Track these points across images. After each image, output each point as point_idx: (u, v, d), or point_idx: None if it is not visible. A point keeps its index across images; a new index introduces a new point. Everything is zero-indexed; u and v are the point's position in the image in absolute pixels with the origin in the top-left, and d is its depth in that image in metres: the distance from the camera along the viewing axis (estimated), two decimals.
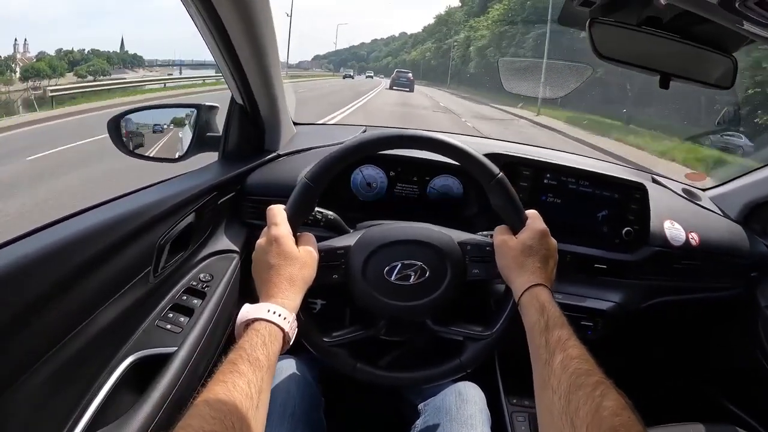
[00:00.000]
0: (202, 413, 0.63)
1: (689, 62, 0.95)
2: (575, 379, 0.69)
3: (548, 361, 0.75)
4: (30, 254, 0.78)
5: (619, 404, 0.64)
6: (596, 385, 0.67)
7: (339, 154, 0.97)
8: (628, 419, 0.62)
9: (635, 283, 1.51)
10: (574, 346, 0.76)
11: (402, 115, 17.38)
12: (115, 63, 56.82)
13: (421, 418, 1.14)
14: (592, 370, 0.71)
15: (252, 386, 0.70)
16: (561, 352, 0.75)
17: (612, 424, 0.61)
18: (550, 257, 0.95)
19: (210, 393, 0.66)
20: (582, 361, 0.72)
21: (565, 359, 0.73)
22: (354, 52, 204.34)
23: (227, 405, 0.65)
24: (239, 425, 0.64)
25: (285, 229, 0.92)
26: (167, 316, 1.11)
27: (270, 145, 1.53)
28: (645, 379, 1.91)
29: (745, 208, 1.67)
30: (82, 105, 16.26)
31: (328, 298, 1.40)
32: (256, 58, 1.22)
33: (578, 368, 0.71)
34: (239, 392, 0.68)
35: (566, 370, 0.71)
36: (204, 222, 1.26)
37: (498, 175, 0.97)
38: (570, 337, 0.78)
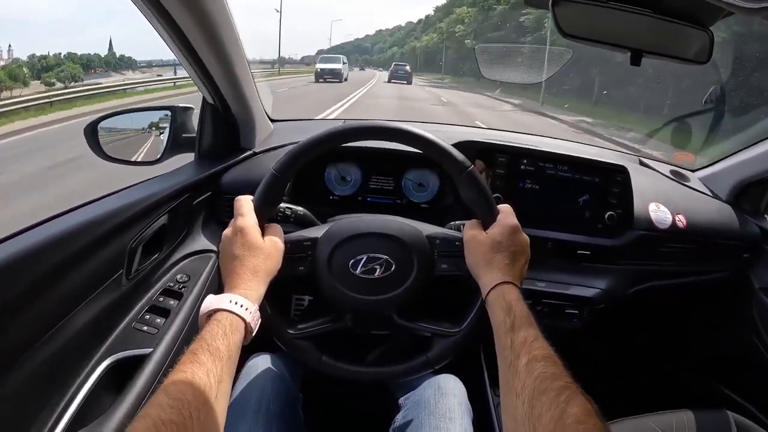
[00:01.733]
0: (161, 403, 0.63)
1: (662, 38, 0.93)
2: (539, 384, 0.67)
3: (513, 363, 0.73)
4: (1, 260, 0.78)
5: (584, 410, 0.62)
6: (561, 390, 0.65)
7: (306, 144, 0.96)
8: (593, 426, 0.60)
9: (621, 269, 1.49)
10: (541, 348, 0.74)
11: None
12: (97, 66, 54.85)
13: (401, 413, 1.13)
14: (558, 373, 0.68)
15: (211, 376, 0.70)
16: (526, 354, 0.73)
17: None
18: (521, 254, 0.93)
19: (169, 383, 0.67)
20: (548, 365, 0.70)
21: (530, 362, 0.71)
22: (358, 45, 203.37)
23: (185, 394, 0.65)
24: (197, 414, 0.64)
25: (251, 220, 0.92)
26: (144, 318, 1.11)
27: (245, 143, 1.52)
28: (636, 366, 1.90)
29: (736, 188, 1.64)
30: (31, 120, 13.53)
31: (315, 294, 1.38)
32: (219, 59, 1.21)
33: (543, 372, 0.69)
34: (198, 382, 0.68)
35: (531, 374, 0.69)
36: (179, 223, 1.26)
37: (468, 168, 0.95)
38: (536, 339, 0.76)
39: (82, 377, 0.95)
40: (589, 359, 1.77)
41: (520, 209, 0.98)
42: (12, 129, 12.30)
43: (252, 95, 1.44)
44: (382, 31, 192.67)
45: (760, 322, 1.55)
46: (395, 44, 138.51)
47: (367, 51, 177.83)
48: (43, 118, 13.84)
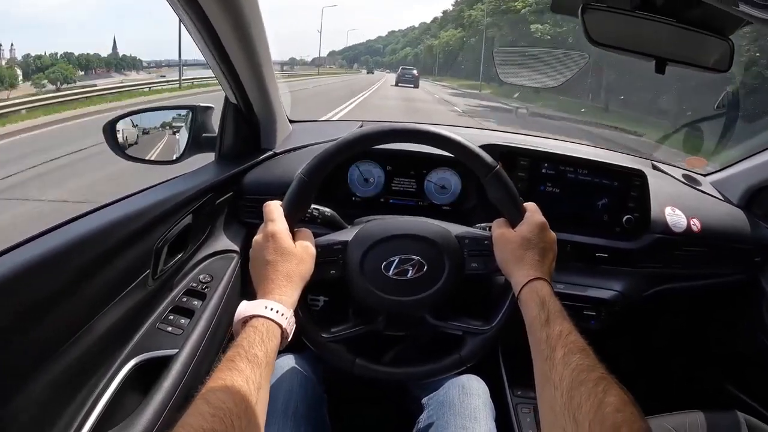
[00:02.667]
0: (201, 411, 0.63)
1: (685, 46, 0.94)
2: (577, 375, 0.68)
3: (549, 356, 0.74)
4: (29, 261, 0.78)
5: (621, 400, 0.63)
6: (598, 381, 0.66)
7: (334, 149, 0.96)
8: (630, 415, 0.62)
9: (637, 271, 1.50)
10: (576, 341, 0.75)
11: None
12: (97, 67, 53.42)
13: (425, 413, 1.14)
14: (594, 365, 0.70)
15: (250, 383, 0.70)
16: (562, 348, 0.74)
17: (615, 421, 0.61)
18: (549, 250, 0.94)
19: (208, 391, 0.67)
20: (584, 357, 0.72)
21: (567, 354, 0.73)
22: (370, 46, 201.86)
23: (226, 403, 0.65)
24: (238, 423, 0.64)
25: (281, 225, 0.92)
26: (168, 319, 1.11)
27: (266, 143, 1.52)
28: (650, 367, 1.91)
29: (747, 192, 1.65)
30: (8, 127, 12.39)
31: (330, 294, 1.40)
32: (247, 57, 1.22)
33: (580, 364, 0.70)
34: (238, 389, 0.68)
35: (568, 366, 0.70)
36: (202, 223, 1.26)
37: (495, 168, 0.97)
38: (571, 332, 0.77)
39: (108, 378, 0.96)
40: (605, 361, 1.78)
41: (540, 212, 1.00)
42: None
43: (275, 96, 1.45)
44: (395, 32, 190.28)
45: None
46: (408, 44, 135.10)
47: (378, 52, 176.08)
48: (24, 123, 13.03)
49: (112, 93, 20.70)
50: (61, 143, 9.81)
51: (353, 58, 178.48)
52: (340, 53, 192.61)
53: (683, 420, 1.30)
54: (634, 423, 0.61)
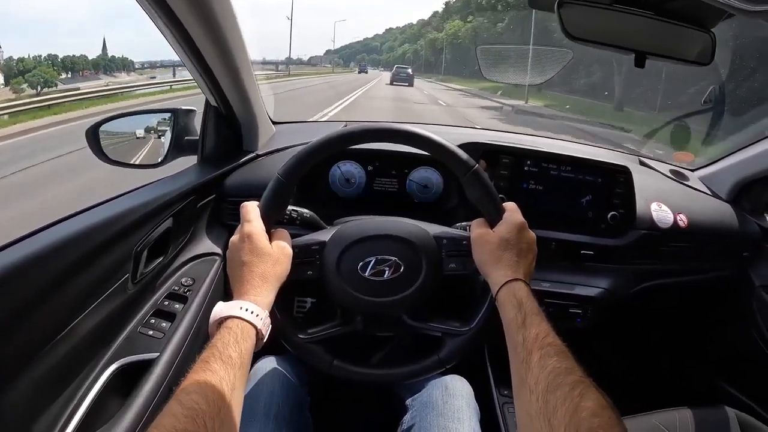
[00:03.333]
0: (174, 412, 0.63)
1: (666, 39, 0.93)
2: (553, 379, 0.67)
3: (525, 359, 0.73)
4: (6, 266, 0.77)
5: (598, 404, 0.62)
6: (575, 385, 0.65)
7: (311, 148, 0.96)
8: (608, 419, 0.60)
9: (624, 268, 1.49)
10: (553, 344, 0.74)
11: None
12: (84, 69, 52.08)
13: (409, 414, 1.13)
14: (572, 368, 0.69)
15: (224, 384, 0.70)
16: (539, 350, 0.73)
17: (591, 426, 0.60)
18: (529, 251, 0.93)
19: (182, 392, 0.67)
20: (561, 360, 0.71)
21: (543, 357, 0.72)
22: (366, 44, 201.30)
23: (199, 404, 0.65)
24: (211, 424, 0.64)
25: (258, 226, 0.92)
26: (149, 322, 1.11)
27: (248, 145, 1.52)
28: (640, 364, 1.91)
29: (735, 186, 1.65)
30: None
31: (318, 296, 1.39)
32: (223, 60, 1.21)
33: (557, 367, 0.69)
34: (211, 390, 0.68)
35: (544, 369, 0.69)
36: (183, 226, 1.25)
37: (474, 167, 0.96)
38: (548, 334, 0.76)
39: (89, 382, 0.95)
40: (594, 358, 1.78)
41: (523, 210, 0.98)
42: None
43: (255, 97, 1.44)
44: (392, 30, 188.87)
45: (761, 319, 1.56)
46: (407, 41, 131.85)
47: (376, 50, 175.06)
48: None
49: (96, 97, 19.55)
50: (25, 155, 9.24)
51: (349, 56, 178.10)
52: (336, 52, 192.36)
53: (673, 417, 1.29)
54: (611, 428, 0.60)
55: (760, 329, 1.55)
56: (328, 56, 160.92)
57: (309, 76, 46.13)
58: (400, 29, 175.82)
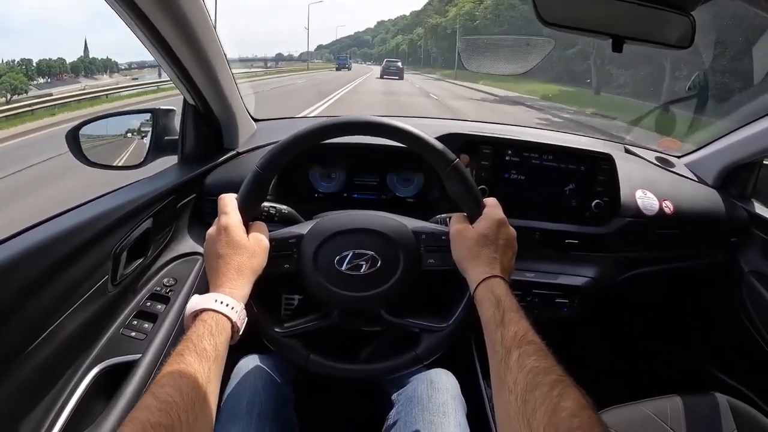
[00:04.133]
0: (149, 406, 0.63)
1: (644, 24, 0.92)
2: (532, 378, 0.66)
3: (504, 358, 0.72)
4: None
5: (578, 404, 0.61)
6: (554, 384, 0.64)
7: (290, 141, 0.95)
8: (587, 420, 0.59)
9: (610, 257, 1.49)
10: (532, 342, 0.73)
11: None
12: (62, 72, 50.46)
13: (395, 409, 1.12)
14: (551, 367, 0.68)
15: (199, 377, 0.70)
16: (517, 349, 0.72)
17: (570, 426, 0.58)
18: (508, 247, 0.92)
19: (156, 385, 0.66)
20: (540, 359, 0.69)
21: (522, 357, 0.70)
22: (357, 37, 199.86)
23: (173, 397, 0.64)
24: (185, 417, 0.63)
25: (235, 218, 0.91)
26: (132, 324, 1.11)
27: (229, 143, 1.51)
28: (629, 352, 1.91)
29: (722, 172, 1.65)
30: None
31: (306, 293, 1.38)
32: (198, 59, 1.20)
33: (535, 366, 0.68)
34: (185, 383, 0.67)
35: (523, 369, 0.68)
36: (163, 226, 1.25)
37: (453, 162, 0.95)
38: (527, 332, 0.75)
39: (72, 385, 0.95)
40: (581, 348, 1.77)
41: (506, 200, 0.97)
42: None
43: (233, 95, 1.43)
44: (384, 22, 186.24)
45: (750, 304, 1.56)
46: (400, 32, 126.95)
47: (367, 44, 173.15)
48: None
49: (70, 101, 18.38)
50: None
51: (340, 51, 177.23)
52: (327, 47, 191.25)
53: (664, 405, 1.29)
54: (591, 428, 0.58)
55: (750, 314, 1.55)
56: (319, 52, 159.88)
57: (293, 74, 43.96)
58: (392, 21, 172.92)
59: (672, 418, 1.26)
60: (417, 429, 1.03)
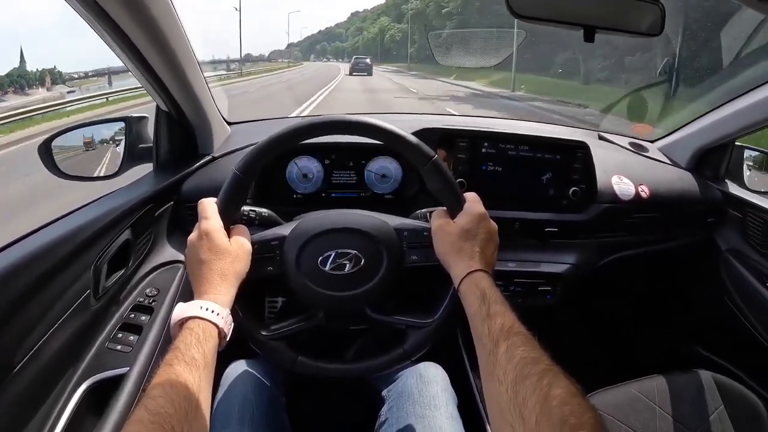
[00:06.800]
0: (141, 419, 0.62)
1: (614, 13, 0.94)
2: (521, 369, 0.66)
3: (492, 351, 0.72)
4: None
5: (567, 392, 0.62)
6: (543, 374, 0.64)
7: (268, 142, 0.95)
8: (578, 406, 0.60)
9: (589, 243, 1.51)
10: (519, 333, 0.73)
11: None
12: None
13: (386, 405, 1.13)
14: (539, 357, 0.68)
15: (190, 386, 0.69)
16: (505, 341, 0.72)
17: (562, 414, 0.59)
18: (490, 241, 0.93)
19: (147, 398, 0.66)
20: (528, 349, 0.70)
21: (510, 348, 0.70)
22: (328, 32, 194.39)
23: (165, 408, 0.64)
24: (179, 427, 0.63)
25: (215, 223, 0.90)
26: (117, 337, 1.09)
27: (204, 148, 1.49)
28: (614, 336, 1.94)
29: (695, 155, 1.68)
30: None
31: (288, 294, 1.38)
32: (169, 64, 1.18)
33: (524, 357, 0.68)
34: (177, 394, 0.67)
35: (512, 360, 0.68)
36: (142, 236, 1.23)
37: (433, 158, 0.95)
38: (514, 324, 0.75)
39: (62, 404, 0.94)
40: (567, 334, 1.79)
41: (484, 192, 0.98)
42: None
43: (206, 99, 1.41)
44: (358, 13, 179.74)
45: (729, 282, 1.59)
46: (375, 20, 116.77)
47: (340, 37, 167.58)
48: None
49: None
50: None
51: (309, 48, 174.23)
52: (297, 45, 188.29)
53: (651, 385, 1.31)
54: (582, 414, 0.59)
55: (729, 292, 1.58)
56: (289, 50, 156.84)
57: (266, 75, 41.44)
58: (366, 12, 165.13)
59: (659, 397, 1.28)
60: (409, 423, 1.03)
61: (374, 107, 15.50)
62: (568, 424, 0.58)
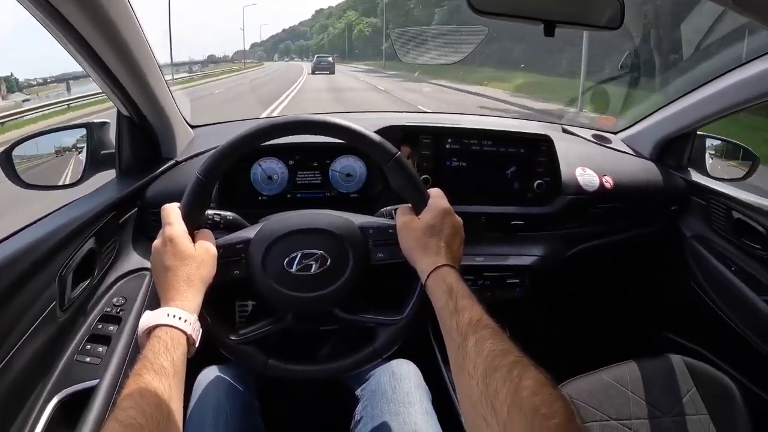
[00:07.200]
0: (114, 431, 0.61)
1: (574, 7, 0.94)
2: (491, 361, 0.67)
3: (461, 345, 0.73)
4: None
5: (538, 382, 0.62)
6: (513, 365, 0.65)
7: (230, 144, 0.94)
8: (549, 396, 0.60)
9: (556, 234, 1.53)
10: (488, 325, 0.73)
11: None
12: None
13: (360, 405, 1.13)
14: (508, 349, 0.68)
15: (160, 395, 0.69)
16: (473, 335, 0.72)
17: (533, 404, 0.59)
18: (455, 236, 0.93)
19: (118, 409, 0.65)
20: (497, 342, 0.70)
21: (479, 341, 0.71)
22: (292, 30, 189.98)
23: (137, 419, 0.63)
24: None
25: (179, 228, 0.90)
26: (85, 349, 1.07)
27: (167, 152, 1.46)
28: (585, 325, 1.96)
29: (657, 145, 1.71)
30: None
31: (258, 298, 1.37)
32: (129, 68, 1.16)
33: (493, 350, 0.68)
34: (147, 403, 0.66)
35: (481, 353, 0.69)
36: (107, 245, 1.21)
37: (395, 155, 0.95)
38: (482, 317, 0.75)
39: (33, 419, 0.92)
40: (538, 325, 1.82)
41: (449, 187, 0.99)
42: None
43: (168, 102, 1.39)
44: (322, 10, 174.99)
45: (695, 267, 1.63)
46: (341, 16, 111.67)
47: (304, 35, 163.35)
48: None
49: None
50: None
51: (273, 47, 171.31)
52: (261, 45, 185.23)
53: (623, 371, 1.33)
54: (553, 404, 0.59)
55: (696, 277, 1.62)
56: (252, 50, 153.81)
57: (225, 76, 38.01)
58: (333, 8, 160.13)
59: (632, 383, 1.29)
60: (384, 421, 1.03)
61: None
62: (540, 414, 0.58)
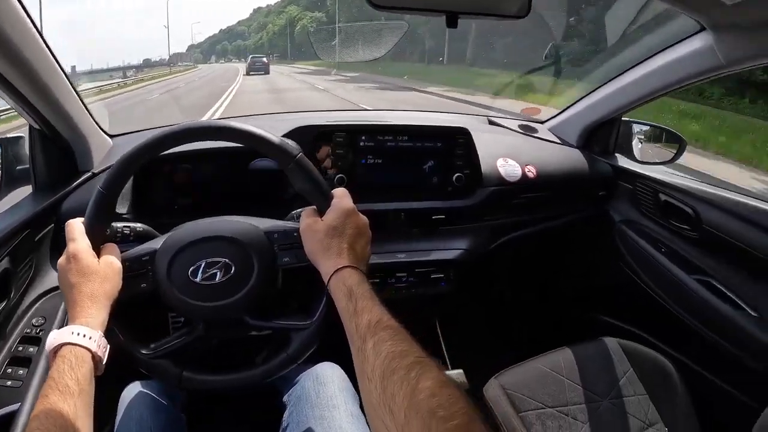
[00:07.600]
0: None
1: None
2: (388, 364, 0.66)
3: (361, 348, 0.72)
4: None
5: (436, 383, 0.60)
6: (411, 367, 0.63)
7: (130, 155, 0.92)
8: (447, 397, 0.59)
9: (479, 226, 1.54)
10: (387, 327, 0.72)
11: None
12: None
13: (287, 410, 1.12)
14: (407, 351, 0.67)
15: (65, 415, 0.68)
16: (372, 337, 0.71)
17: (430, 406, 0.58)
18: (359, 236, 0.92)
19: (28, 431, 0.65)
20: (395, 343, 0.69)
21: (377, 343, 0.70)
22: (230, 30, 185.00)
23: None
24: None
25: (82, 243, 0.88)
26: (6, 372, 1.04)
27: (83, 165, 1.41)
28: (518, 315, 1.98)
29: (583, 132, 1.75)
30: None
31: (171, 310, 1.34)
32: (28, 80, 1.11)
33: (391, 351, 0.67)
34: (53, 424, 0.66)
35: (379, 356, 0.68)
36: (23, 264, 1.17)
37: (296, 156, 0.94)
38: (381, 319, 0.74)
39: None
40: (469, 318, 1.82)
41: (366, 185, 0.98)
42: None
43: (79, 113, 1.34)
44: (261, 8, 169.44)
45: (624, 250, 1.66)
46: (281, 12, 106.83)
47: (242, 35, 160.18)
48: None
49: None
50: None
51: (209, 49, 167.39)
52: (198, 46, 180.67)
53: (557, 358, 1.34)
54: (452, 405, 0.58)
55: (626, 259, 1.66)
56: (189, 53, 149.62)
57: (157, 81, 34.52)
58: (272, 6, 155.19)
59: (566, 369, 1.31)
60: (309, 426, 1.02)
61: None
62: (437, 416, 0.56)
